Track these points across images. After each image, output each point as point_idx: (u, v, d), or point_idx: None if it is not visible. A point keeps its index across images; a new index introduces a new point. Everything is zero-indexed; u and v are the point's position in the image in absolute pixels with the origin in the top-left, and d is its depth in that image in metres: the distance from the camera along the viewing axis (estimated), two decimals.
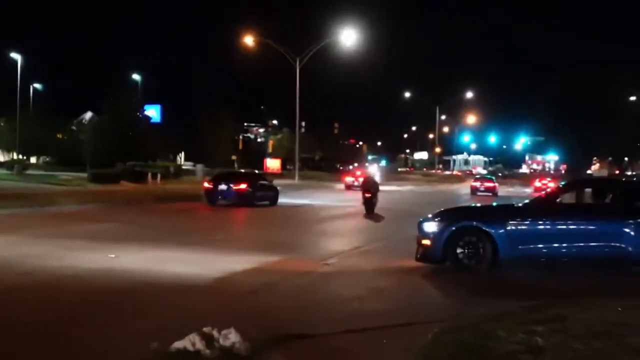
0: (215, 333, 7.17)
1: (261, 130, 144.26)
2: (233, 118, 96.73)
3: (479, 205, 19.35)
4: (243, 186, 34.57)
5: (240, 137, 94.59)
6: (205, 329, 7.18)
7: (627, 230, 13.25)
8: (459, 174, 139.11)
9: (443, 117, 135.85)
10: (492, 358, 6.53)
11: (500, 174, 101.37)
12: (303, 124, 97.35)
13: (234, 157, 76.44)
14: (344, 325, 8.77)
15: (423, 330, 7.99)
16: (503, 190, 69.61)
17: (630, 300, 9.62)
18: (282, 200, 37.36)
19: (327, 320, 9.12)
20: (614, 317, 8.24)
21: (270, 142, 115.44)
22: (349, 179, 62.82)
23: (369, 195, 31.52)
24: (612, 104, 79.85)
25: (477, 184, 66.28)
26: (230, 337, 7.15)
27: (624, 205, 14.12)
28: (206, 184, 36.01)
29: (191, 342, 6.91)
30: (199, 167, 76.17)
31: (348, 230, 24.50)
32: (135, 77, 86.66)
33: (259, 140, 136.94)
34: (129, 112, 70.82)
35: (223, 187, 34.75)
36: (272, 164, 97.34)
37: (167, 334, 7.41)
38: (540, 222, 13.68)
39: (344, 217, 29.83)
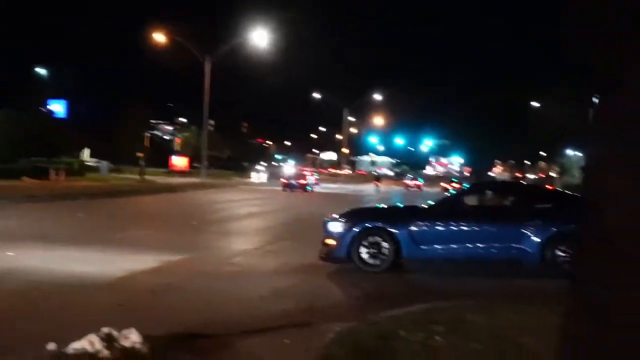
0: (115, 333, 7.05)
1: (169, 127, 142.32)
2: (141, 115, 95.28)
3: (384, 206, 19.60)
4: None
5: (147, 134, 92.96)
6: (104, 329, 7.05)
7: (525, 231, 13.65)
8: (363, 172, 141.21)
9: (351, 118, 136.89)
10: (392, 358, 6.61)
11: (410, 175, 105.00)
12: (212, 122, 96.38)
13: (139, 154, 75.11)
14: (245, 325, 8.75)
15: (325, 330, 8.04)
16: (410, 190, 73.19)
17: (525, 302, 9.87)
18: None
19: (229, 321, 9.08)
20: (512, 319, 8.43)
21: (178, 140, 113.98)
22: (284, 180, 70.75)
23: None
24: (515, 110, 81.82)
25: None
26: (131, 337, 7.04)
27: (524, 208, 14.54)
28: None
29: (90, 342, 6.77)
30: (104, 163, 74.86)
31: (253, 229, 24.44)
32: (41, 71, 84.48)
33: (166, 137, 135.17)
34: (33, 106, 68.96)
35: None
36: (179, 161, 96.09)
37: (65, 334, 7.26)
38: (443, 224, 13.96)
39: (255, 215, 29.75)
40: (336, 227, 14.11)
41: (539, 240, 13.61)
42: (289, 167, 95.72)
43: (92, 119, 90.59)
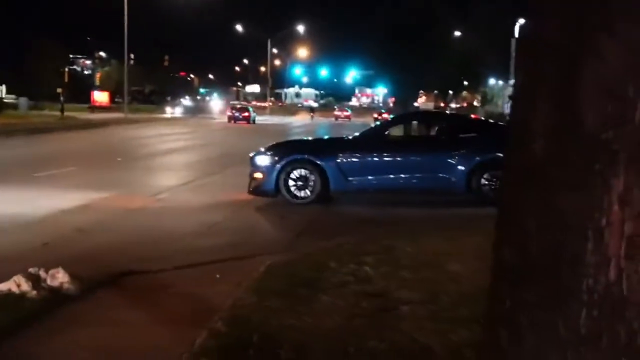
0: (42, 273, 6.93)
1: (88, 62, 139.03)
2: (58, 49, 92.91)
3: (310, 138, 19.62)
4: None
5: (66, 69, 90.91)
6: (31, 269, 6.93)
7: (451, 161, 13.83)
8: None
9: (275, 50, 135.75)
10: (324, 289, 6.66)
11: (337, 106, 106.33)
12: (132, 56, 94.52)
13: (59, 90, 73.38)
14: (176, 261, 8.70)
15: (256, 264, 8.04)
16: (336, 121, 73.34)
17: (451, 231, 10.06)
18: None
19: (159, 257, 9.01)
20: (437, 247, 8.58)
21: (98, 75, 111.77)
22: (229, 113, 74.06)
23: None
24: (438, 39, 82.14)
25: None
26: (59, 277, 6.93)
27: (448, 138, 14.70)
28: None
29: (16, 283, 6.64)
30: (22, 100, 72.96)
31: (180, 164, 24.23)
32: None
33: (86, 72, 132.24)
34: None
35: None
36: (100, 97, 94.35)
37: None
38: (369, 155, 14.06)
39: (182, 150, 29.43)
40: (263, 160, 14.09)
41: (464, 169, 13.79)
42: (219, 103, 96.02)
43: (6, 54, 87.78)
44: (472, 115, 23.79)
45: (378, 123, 15.87)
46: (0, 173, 18.53)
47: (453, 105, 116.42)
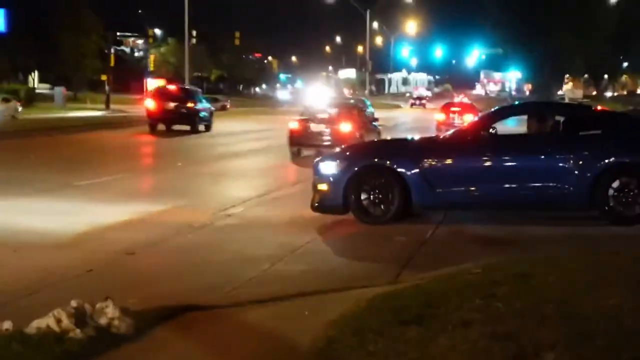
0: (87, 307, 7.07)
1: (139, 41, 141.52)
2: (101, 26, 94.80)
3: (387, 139, 19.52)
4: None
5: (112, 50, 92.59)
6: (74, 302, 7.07)
7: (565, 165, 13.50)
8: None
9: (375, 25, 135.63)
10: (441, 329, 6.62)
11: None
12: (194, 33, 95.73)
13: (103, 77, 74.94)
14: (251, 293, 8.78)
15: (354, 297, 8.04)
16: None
17: (599, 254, 9.88)
18: None
19: (229, 288, 9.12)
20: (585, 275, 8.44)
21: (152, 57, 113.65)
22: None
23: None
24: (587, 7, 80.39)
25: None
26: (107, 312, 7.06)
27: (564, 136, 14.30)
28: None
29: (56, 319, 6.78)
30: (58, 90, 74.57)
31: (259, 169, 24.35)
32: None
33: (136, 54, 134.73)
34: None
35: None
36: (155, 85, 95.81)
37: (23, 309, 7.30)
38: (464, 159, 13.86)
39: (261, 151, 29.64)
40: (329, 167, 14.06)
41: (584, 175, 13.45)
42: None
43: (39, 33, 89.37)
44: (599, 107, 23.09)
45: (477, 118, 15.46)
46: (32, 181, 19.04)
47: (609, 93, 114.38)
